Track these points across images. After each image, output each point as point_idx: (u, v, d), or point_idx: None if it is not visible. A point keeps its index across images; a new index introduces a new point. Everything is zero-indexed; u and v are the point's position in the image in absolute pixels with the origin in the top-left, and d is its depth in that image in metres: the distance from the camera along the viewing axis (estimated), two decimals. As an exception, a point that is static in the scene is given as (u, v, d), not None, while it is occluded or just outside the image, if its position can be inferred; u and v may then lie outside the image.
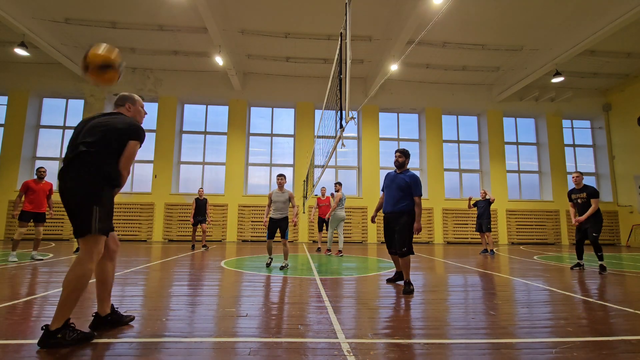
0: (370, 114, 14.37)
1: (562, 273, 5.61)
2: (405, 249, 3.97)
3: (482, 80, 14.35)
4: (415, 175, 4.10)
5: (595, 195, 5.73)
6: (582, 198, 5.86)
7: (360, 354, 2.00)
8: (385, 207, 4.24)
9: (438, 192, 14.09)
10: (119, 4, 9.96)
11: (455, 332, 2.48)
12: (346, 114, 3.17)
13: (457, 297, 3.70)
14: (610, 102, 14.95)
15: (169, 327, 2.48)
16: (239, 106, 13.98)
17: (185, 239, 12.84)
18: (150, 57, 12.72)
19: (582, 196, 5.87)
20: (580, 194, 5.90)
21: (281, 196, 5.67)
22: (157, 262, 6.33)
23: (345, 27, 3.51)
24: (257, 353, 2.01)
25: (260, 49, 12.20)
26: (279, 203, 5.65)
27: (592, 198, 5.73)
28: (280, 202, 5.65)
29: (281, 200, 5.65)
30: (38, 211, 6.36)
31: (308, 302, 3.34)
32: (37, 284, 4.04)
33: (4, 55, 12.54)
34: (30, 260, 6.12)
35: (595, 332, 2.50)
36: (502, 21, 10.38)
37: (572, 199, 6.08)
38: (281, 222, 5.67)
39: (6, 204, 12.55)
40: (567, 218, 14.17)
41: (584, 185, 5.92)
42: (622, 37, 10.80)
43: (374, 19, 10.39)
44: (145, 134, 2.49)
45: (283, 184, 5.74)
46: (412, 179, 4.06)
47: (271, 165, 14.30)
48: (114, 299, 3.31)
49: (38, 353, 1.95)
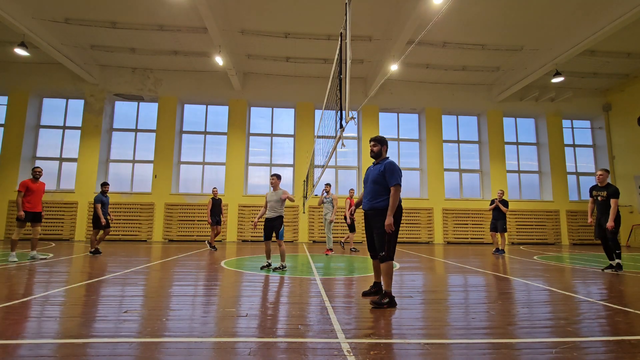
0: (370, 114, 14.37)
1: (562, 273, 5.61)
2: (383, 253, 3.40)
3: (482, 80, 14.35)
4: (391, 163, 3.51)
5: (615, 195, 5.69)
6: (602, 196, 5.82)
7: (360, 354, 2.00)
8: (364, 203, 3.68)
9: (438, 192, 14.09)
10: (119, 4, 9.96)
11: (455, 332, 2.48)
12: (346, 114, 3.17)
13: (457, 297, 3.70)
14: (610, 102, 14.95)
15: (169, 327, 2.48)
16: (239, 106, 13.98)
17: (186, 239, 12.83)
18: (150, 57, 12.72)
19: (602, 194, 5.83)
20: (602, 192, 5.85)
21: (274, 195, 5.63)
22: (157, 262, 6.33)
23: (345, 27, 3.51)
24: (257, 353, 2.01)
25: (260, 49, 12.20)
26: (272, 202, 5.63)
27: (612, 198, 5.69)
28: (273, 201, 5.61)
29: (274, 199, 5.61)
30: (35, 211, 6.35)
31: (308, 302, 3.34)
32: (36, 284, 4.04)
33: (4, 55, 12.54)
34: (30, 260, 6.12)
35: (595, 332, 2.50)
36: (502, 21, 10.38)
37: (592, 195, 6.02)
38: (274, 221, 5.59)
39: (6, 204, 12.56)
40: (567, 218, 14.18)
41: (607, 184, 5.87)
42: (622, 37, 10.80)
43: (374, 19, 10.39)
44: None
45: (275, 184, 5.71)
46: (386, 167, 3.48)
47: (271, 166, 14.30)
48: (113, 299, 3.31)
49: (35, 351, 1.95)
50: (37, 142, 13.58)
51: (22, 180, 6.53)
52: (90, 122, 13.30)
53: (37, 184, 6.38)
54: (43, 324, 2.49)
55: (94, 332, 2.32)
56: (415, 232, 13.70)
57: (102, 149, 13.38)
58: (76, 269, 5.38)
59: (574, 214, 14.32)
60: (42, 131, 13.71)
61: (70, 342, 2.13)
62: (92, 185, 12.89)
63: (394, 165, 3.50)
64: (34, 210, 6.33)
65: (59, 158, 13.56)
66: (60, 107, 13.91)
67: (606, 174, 5.86)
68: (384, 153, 3.70)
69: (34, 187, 6.33)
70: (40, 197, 6.45)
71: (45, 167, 13.41)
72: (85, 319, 2.63)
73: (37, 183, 6.38)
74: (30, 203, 6.27)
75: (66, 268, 5.38)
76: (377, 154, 3.69)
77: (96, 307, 3.02)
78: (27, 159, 13.16)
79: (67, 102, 13.93)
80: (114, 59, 12.98)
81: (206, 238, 12.94)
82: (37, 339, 2.16)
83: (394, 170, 3.46)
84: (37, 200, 6.36)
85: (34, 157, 13.44)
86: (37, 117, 13.64)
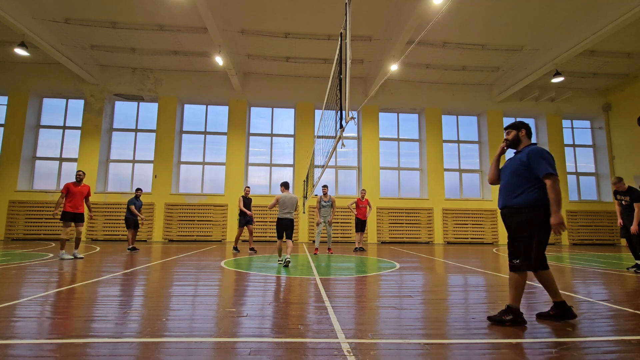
0: (370, 114, 14.37)
1: (562, 273, 5.61)
2: (517, 261, 2.72)
3: (482, 80, 14.35)
4: (537, 149, 2.75)
5: (638, 199, 5.77)
6: (626, 200, 5.95)
7: (360, 354, 2.00)
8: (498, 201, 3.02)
9: (438, 192, 14.09)
10: (119, 4, 9.96)
11: (455, 332, 2.48)
12: (346, 114, 3.17)
13: (457, 297, 3.70)
14: (610, 102, 14.96)
15: (169, 327, 2.48)
16: (239, 106, 13.98)
17: (186, 239, 12.83)
18: (150, 57, 12.72)
19: (625, 198, 5.96)
20: (625, 196, 5.98)
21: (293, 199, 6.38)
22: (157, 262, 6.33)
23: (345, 27, 3.51)
24: (257, 353, 2.01)
25: (260, 49, 12.21)
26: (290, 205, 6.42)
27: (635, 202, 5.78)
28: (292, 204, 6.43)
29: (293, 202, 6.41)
30: (77, 212, 6.73)
31: (308, 302, 3.34)
32: (36, 284, 4.04)
33: (4, 55, 12.55)
34: (72, 258, 6.53)
35: (595, 332, 2.50)
36: (502, 21, 10.39)
37: (617, 198, 6.15)
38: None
39: (6, 204, 12.55)
40: (567, 218, 14.17)
41: (628, 188, 5.97)
42: (622, 37, 10.80)
43: (374, 19, 10.39)
44: None
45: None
46: (531, 153, 2.75)
47: (271, 165, 14.30)
48: (113, 299, 3.31)
49: (36, 351, 1.95)
50: (37, 142, 13.59)
51: (65, 183, 7.04)
52: (90, 122, 13.31)
53: (79, 187, 6.78)
54: (43, 324, 2.49)
55: (94, 332, 2.32)
56: (415, 232, 13.70)
57: (102, 149, 13.38)
58: (76, 269, 5.38)
59: (574, 214, 14.32)
60: (42, 131, 13.71)
61: (70, 342, 2.13)
62: (92, 185, 12.89)
63: (543, 152, 2.74)
64: (76, 212, 6.70)
65: (59, 158, 13.56)
66: (60, 107, 13.92)
67: (620, 182, 6.00)
68: (525, 139, 2.95)
69: (75, 190, 6.71)
70: (81, 199, 6.83)
71: (45, 167, 13.48)
72: (85, 319, 2.63)
73: (79, 186, 6.78)
74: (72, 204, 6.64)
75: (66, 268, 5.38)
76: (513, 142, 2.99)
77: (96, 307, 3.02)
78: (27, 159, 13.16)
79: (67, 102, 13.93)
80: (114, 59, 12.98)
81: (206, 238, 12.97)
82: (37, 339, 2.15)
83: (543, 156, 2.71)
84: (78, 202, 6.74)
85: (34, 157, 13.44)
86: (37, 117, 13.65)
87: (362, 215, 9.50)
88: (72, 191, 6.65)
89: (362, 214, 9.50)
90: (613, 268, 6.37)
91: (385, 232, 13.60)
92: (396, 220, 13.74)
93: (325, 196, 8.68)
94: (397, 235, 13.60)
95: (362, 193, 9.70)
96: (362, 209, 9.48)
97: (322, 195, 8.71)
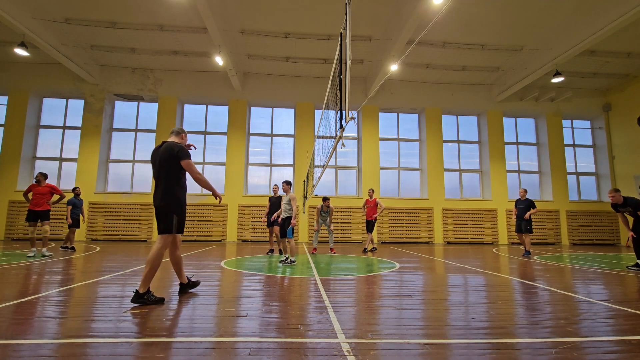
0: (370, 114, 14.37)
1: (562, 273, 5.61)
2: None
3: (482, 80, 14.35)
4: None
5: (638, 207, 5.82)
6: (629, 211, 5.97)
7: (360, 354, 2.00)
8: None
9: (438, 192, 14.09)
10: (119, 4, 9.96)
11: (455, 332, 2.48)
12: (346, 114, 3.17)
13: (457, 297, 3.70)
14: (610, 102, 14.96)
15: (169, 327, 2.48)
16: (239, 106, 13.98)
17: (186, 239, 12.83)
18: (150, 57, 12.72)
19: (627, 210, 5.97)
20: (625, 208, 5.99)
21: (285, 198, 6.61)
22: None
23: (345, 27, 3.51)
24: (257, 353, 2.01)
25: (260, 49, 12.20)
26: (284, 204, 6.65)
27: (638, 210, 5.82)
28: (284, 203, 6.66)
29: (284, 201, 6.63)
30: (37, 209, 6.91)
31: (308, 302, 3.34)
32: (36, 284, 4.04)
33: (4, 55, 12.55)
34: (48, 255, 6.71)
35: (595, 332, 2.50)
36: (502, 21, 10.38)
37: (618, 211, 6.15)
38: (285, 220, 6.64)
39: (6, 204, 12.55)
40: (567, 218, 14.19)
41: (623, 200, 5.95)
42: (622, 37, 10.80)
43: (374, 19, 10.39)
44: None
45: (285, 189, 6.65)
46: None
47: (271, 165, 14.30)
48: (113, 299, 3.32)
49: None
50: (37, 142, 13.58)
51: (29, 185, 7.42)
52: (90, 122, 13.30)
53: (39, 188, 6.94)
54: (43, 324, 2.49)
55: (94, 332, 2.32)
56: (415, 232, 13.70)
57: (102, 149, 13.38)
58: (76, 269, 5.38)
59: (574, 214, 14.32)
60: (42, 131, 13.71)
61: (70, 342, 2.13)
62: (92, 185, 12.90)
63: None
64: (37, 209, 6.88)
65: (58, 158, 13.56)
66: (60, 107, 13.92)
67: (616, 194, 5.97)
68: None
69: (36, 190, 6.92)
70: (42, 198, 6.94)
71: (45, 167, 13.45)
72: (85, 319, 2.63)
73: (40, 187, 6.96)
74: (32, 203, 6.88)
75: (66, 268, 5.38)
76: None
77: (96, 307, 3.02)
78: (27, 159, 13.16)
79: (67, 102, 13.93)
80: (114, 59, 12.98)
81: (206, 238, 12.97)
82: (37, 339, 2.15)
83: None
84: (39, 201, 6.88)
85: (34, 157, 13.44)
86: (37, 117, 13.64)
87: (368, 215, 9.45)
88: (33, 191, 6.89)
89: (368, 215, 9.42)
90: (613, 268, 6.37)
91: (385, 232, 13.60)
92: (396, 220, 13.74)
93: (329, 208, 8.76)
94: (397, 235, 13.60)
95: (370, 193, 9.64)
96: (368, 209, 9.42)
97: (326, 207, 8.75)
